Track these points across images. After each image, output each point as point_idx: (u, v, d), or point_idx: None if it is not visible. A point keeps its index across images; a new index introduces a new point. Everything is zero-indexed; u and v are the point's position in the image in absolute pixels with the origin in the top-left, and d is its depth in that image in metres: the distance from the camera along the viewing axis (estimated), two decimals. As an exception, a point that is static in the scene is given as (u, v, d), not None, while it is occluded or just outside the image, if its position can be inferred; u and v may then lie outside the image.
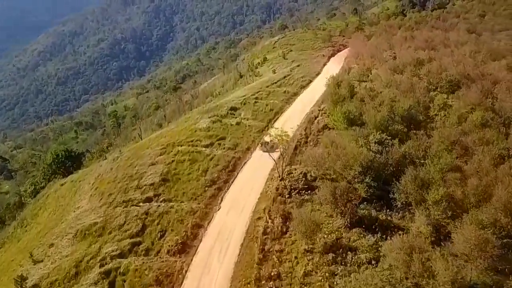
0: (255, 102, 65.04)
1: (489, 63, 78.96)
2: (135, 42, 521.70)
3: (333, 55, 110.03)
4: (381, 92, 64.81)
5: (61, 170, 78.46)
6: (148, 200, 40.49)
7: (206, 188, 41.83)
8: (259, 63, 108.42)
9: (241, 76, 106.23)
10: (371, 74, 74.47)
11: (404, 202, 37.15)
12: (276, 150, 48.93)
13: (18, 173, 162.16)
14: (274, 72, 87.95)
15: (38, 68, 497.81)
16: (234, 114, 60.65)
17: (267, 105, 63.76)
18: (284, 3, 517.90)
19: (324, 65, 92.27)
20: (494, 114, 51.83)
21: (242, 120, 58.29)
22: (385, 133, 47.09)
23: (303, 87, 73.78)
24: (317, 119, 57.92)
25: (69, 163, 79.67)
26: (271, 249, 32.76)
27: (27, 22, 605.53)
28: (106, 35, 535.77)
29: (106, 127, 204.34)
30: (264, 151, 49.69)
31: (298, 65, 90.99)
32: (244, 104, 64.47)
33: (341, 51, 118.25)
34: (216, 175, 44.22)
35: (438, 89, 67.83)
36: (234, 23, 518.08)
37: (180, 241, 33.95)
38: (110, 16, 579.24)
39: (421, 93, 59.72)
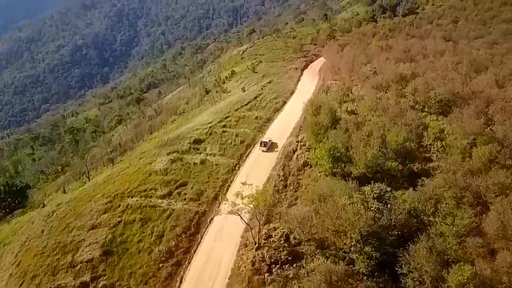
0: (223, 131, 55.78)
1: (473, 75, 73.53)
2: (98, 48, 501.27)
3: (306, 66, 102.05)
4: (365, 116, 57.17)
5: (1, 207, 67.61)
6: (84, 286, 30.61)
7: (161, 265, 32.31)
8: (226, 77, 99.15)
9: (207, 92, 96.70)
10: (351, 93, 66.79)
11: (416, 280, 29.05)
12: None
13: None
14: (243, 90, 79.04)
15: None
16: (198, 149, 51.18)
17: (237, 135, 54.63)
18: (250, 7, 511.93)
19: (298, 80, 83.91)
20: (500, 145, 44.89)
21: (208, 157, 48.96)
22: (381, 181, 39.40)
23: (277, 110, 65.08)
24: (296, 153, 49.33)
25: (10, 199, 68.77)
26: None
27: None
28: (66, 41, 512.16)
29: (64, 142, 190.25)
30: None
31: (270, 82, 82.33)
32: (210, 134, 55.10)
33: (314, 61, 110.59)
34: (174, 242, 34.73)
35: (426, 109, 60.95)
36: (200, 27, 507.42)
37: None
38: (70, 21, 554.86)
39: (412, 119, 52.20)
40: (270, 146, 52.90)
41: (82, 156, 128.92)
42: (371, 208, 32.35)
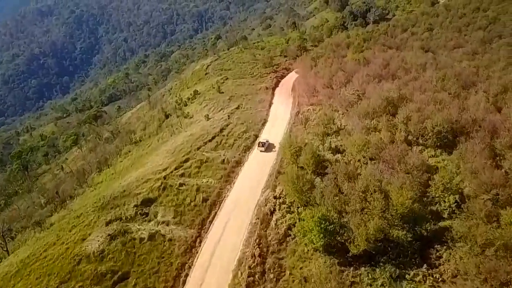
0: (180, 184, 44.23)
1: (463, 94, 65.78)
2: (56, 57, 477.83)
3: (277, 84, 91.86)
4: (355, 156, 47.32)
5: None
6: None
7: None
8: (188, 98, 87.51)
9: (166, 116, 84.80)
10: (334, 123, 56.79)
11: None
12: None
13: None
14: (207, 117, 67.72)
15: None
16: (147, 214, 39.48)
17: (198, 190, 43.22)
18: (215, 11, 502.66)
19: (270, 104, 73.18)
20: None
21: (159, 227, 37.40)
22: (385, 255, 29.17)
23: (248, 148, 54.07)
24: (274, 216, 38.54)
25: None
26: None
27: None
28: (22, 50, 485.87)
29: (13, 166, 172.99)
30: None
31: (238, 107, 71.23)
32: (164, 189, 43.45)
33: (285, 76, 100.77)
34: None
35: (421, 141, 51.73)
36: (164, 33, 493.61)
37: None
38: (26, 28, 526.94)
39: (413, 163, 42.47)
40: (267, 147, 54.11)
41: (28, 188, 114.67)
42: None
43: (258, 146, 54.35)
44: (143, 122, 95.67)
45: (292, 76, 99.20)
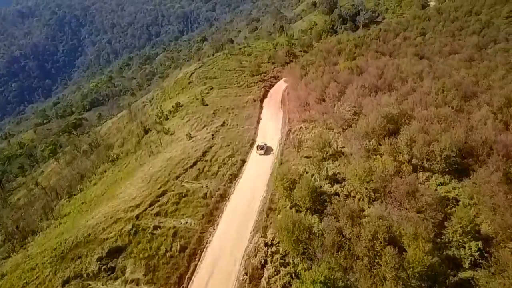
0: (155, 228, 37.64)
1: (466, 107, 60.93)
2: (38, 59, 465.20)
3: (265, 95, 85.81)
4: (356, 188, 41.43)
5: None
6: None
7: None
8: (170, 111, 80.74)
9: (146, 132, 77.98)
10: (330, 146, 50.73)
11: None
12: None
13: None
14: (189, 136, 61.23)
15: None
16: (113, 270, 32.84)
17: (175, 234, 36.63)
18: (201, 12, 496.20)
19: (258, 121, 66.83)
20: None
21: (127, 288, 30.89)
22: None
23: (234, 177, 47.62)
24: (266, 270, 32.26)
25: None
26: None
27: None
28: (2, 52, 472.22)
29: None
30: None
31: (223, 124, 64.75)
32: (135, 234, 36.83)
33: (274, 85, 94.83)
34: None
35: (427, 165, 46.08)
36: (149, 35, 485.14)
37: None
38: (6, 30, 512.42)
39: (426, 201, 36.65)
40: (266, 150, 55.12)
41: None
42: None
43: (257, 150, 54.91)
44: (121, 137, 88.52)
45: (281, 85, 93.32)
